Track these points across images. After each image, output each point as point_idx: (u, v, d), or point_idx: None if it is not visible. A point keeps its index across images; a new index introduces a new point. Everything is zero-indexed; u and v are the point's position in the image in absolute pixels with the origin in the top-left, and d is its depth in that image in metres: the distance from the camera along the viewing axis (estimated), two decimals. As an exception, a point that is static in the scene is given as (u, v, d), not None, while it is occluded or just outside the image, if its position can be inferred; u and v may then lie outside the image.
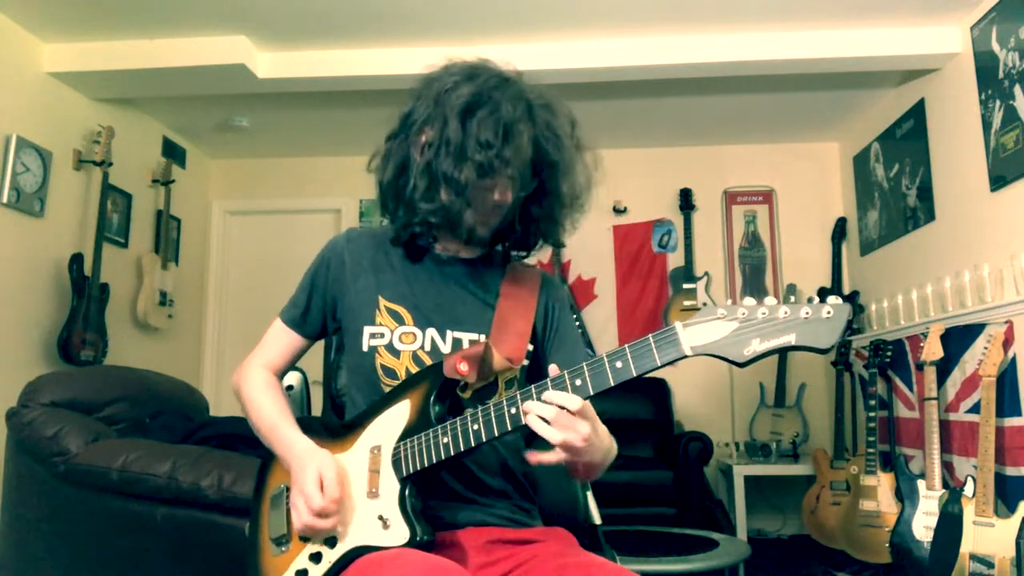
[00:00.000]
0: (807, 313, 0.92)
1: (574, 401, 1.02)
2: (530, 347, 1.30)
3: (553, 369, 1.07)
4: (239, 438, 2.32)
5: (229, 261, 5.21)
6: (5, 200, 3.32)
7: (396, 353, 1.27)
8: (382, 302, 1.30)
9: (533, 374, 1.34)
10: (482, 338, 1.27)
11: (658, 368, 0.98)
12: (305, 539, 1.21)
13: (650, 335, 0.98)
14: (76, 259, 3.64)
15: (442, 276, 1.33)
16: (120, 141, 3.99)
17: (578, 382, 1.02)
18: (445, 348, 1.27)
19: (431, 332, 1.28)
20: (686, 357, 0.96)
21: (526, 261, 1.44)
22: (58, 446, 1.93)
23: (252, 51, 3.59)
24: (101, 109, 4.00)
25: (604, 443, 1.14)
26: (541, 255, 2.39)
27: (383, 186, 1.32)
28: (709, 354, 0.95)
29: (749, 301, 0.95)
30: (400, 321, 1.29)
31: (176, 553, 1.88)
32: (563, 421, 1.02)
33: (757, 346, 0.93)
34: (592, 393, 1.01)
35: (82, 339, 3.60)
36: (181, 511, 1.86)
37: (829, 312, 0.92)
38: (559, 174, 1.26)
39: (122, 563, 1.92)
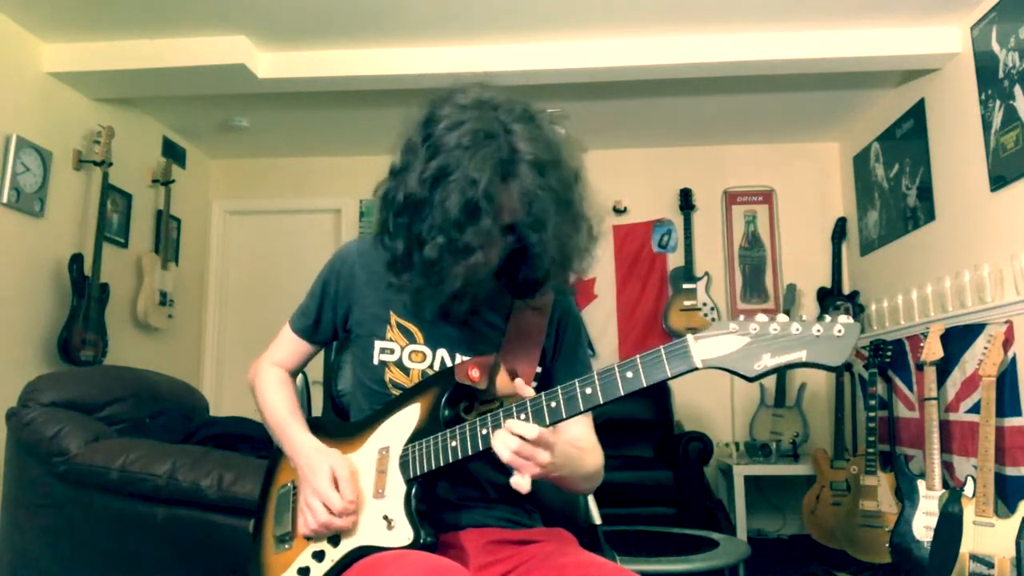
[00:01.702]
0: (818, 331, 0.93)
1: (531, 430, 1.03)
2: (539, 369, 1.29)
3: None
4: (239, 438, 2.32)
5: (229, 261, 5.21)
6: (5, 200, 3.32)
7: (406, 371, 1.28)
8: (393, 318, 1.30)
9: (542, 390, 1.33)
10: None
11: (668, 379, 0.99)
12: (309, 536, 1.22)
13: (661, 346, 0.99)
14: (76, 259, 3.63)
15: (452, 299, 1.28)
16: (120, 141, 3.99)
17: (588, 390, 1.03)
18: None
19: (441, 352, 1.28)
20: (696, 369, 0.97)
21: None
22: (58, 446, 1.93)
23: (252, 51, 3.59)
24: (101, 109, 4.00)
25: (560, 461, 1.11)
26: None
27: (378, 228, 1.22)
28: (719, 367, 0.96)
29: (761, 317, 0.96)
30: (411, 339, 1.29)
31: (176, 553, 1.88)
32: (525, 452, 1.04)
33: (768, 361, 0.94)
34: (602, 402, 1.02)
35: (82, 339, 3.60)
36: (181, 511, 1.86)
37: (840, 330, 0.93)
38: (542, 239, 1.13)
39: (122, 563, 1.92)
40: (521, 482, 1.05)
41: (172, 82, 3.76)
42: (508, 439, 1.04)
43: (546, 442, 1.05)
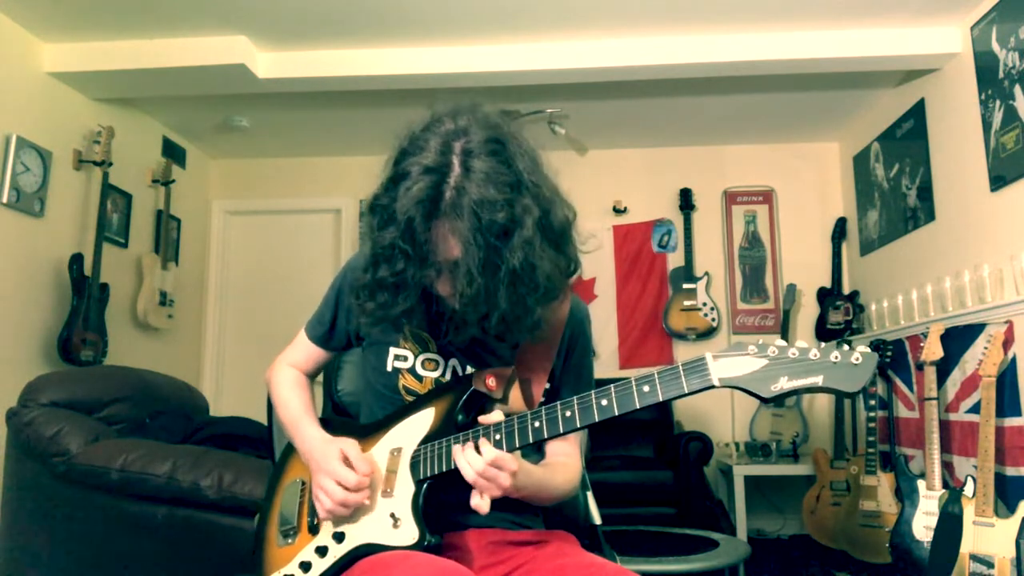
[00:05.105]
0: (836, 357, 0.95)
1: (489, 453, 1.06)
2: (547, 386, 1.30)
3: None
4: (239, 438, 2.32)
5: (229, 261, 5.21)
6: (5, 200, 3.32)
7: (419, 378, 1.29)
8: (407, 326, 1.30)
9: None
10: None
11: (685, 395, 1.00)
12: (313, 531, 1.22)
13: (680, 363, 1.01)
14: (76, 259, 3.63)
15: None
16: (120, 141, 3.99)
17: (604, 402, 1.04)
18: None
19: (453, 362, 1.29)
20: (713, 387, 0.98)
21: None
22: (58, 446, 1.93)
23: (252, 51, 3.59)
24: (101, 109, 4.00)
25: (522, 482, 1.12)
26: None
27: None
28: (736, 387, 0.98)
29: (780, 342, 0.98)
30: (424, 347, 1.30)
31: (176, 553, 1.88)
32: (488, 474, 1.07)
33: (784, 383, 0.96)
34: (617, 413, 1.04)
35: (82, 339, 3.60)
36: (181, 511, 1.86)
37: (858, 359, 0.94)
38: (469, 291, 1.06)
39: (122, 563, 1.92)
40: (481, 504, 1.08)
41: (172, 82, 3.76)
42: (472, 459, 1.07)
43: (507, 467, 1.07)
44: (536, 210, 1.07)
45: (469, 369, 1.29)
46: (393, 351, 1.30)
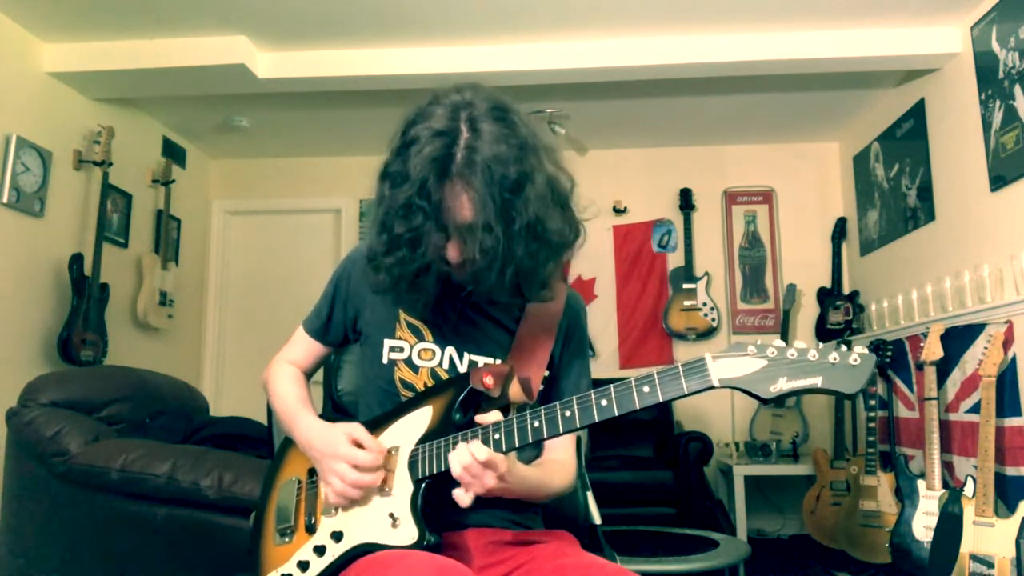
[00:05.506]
0: (835, 358, 0.95)
1: (481, 453, 1.06)
2: (546, 373, 1.31)
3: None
4: (239, 438, 2.32)
5: (229, 261, 5.21)
6: (5, 200, 3.32)
7: (415, 368, 1.29)
8: (402, 316, 1.31)
9: (546, 396, 1.33)
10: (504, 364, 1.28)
11: (684, 396, 1.00)
12: (311, 530, 1.22)
13: (679, 363, 1.01)
14: (76, 259, 3.63)
15: (461, 298, 1.28)
16: (120, 141, 3.99)
17: (604, 402, 1.05)
18: (462, 368, 1.28)
19: (450, 350, 1.29)
20: (713, 388, 0.99)
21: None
22: (58, 446, 1.93)
23: (252, 51, 3.59)
24: (101, 109, 4.00)
25: (514, 484, 1.14)
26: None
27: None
28: (736, 388, 0.98)
29: (779, 343, 0.99)
30: (420, 336, 1.30)
31: (176, 553, 1.88)
32: (473, 471, 1.07)
33: (783, 384, 0.96)
34: (617, 414, 1.04)
35: (82, 339, 3.60)
36: (181, 511, 1.86)
37: (856, 360, 0.95)
38: (483, 247, 1.09)
39: (122, 563, 1.92)
40: (463, 497, 1.08)
41: (172, 82, 3.76)
42: (462, 455, 1.07)
43: (495, 467, 1.07)
44: (543, 169, 1.13)
45: (466, 357, 1.29)
46: (388, 343, 1.30)
